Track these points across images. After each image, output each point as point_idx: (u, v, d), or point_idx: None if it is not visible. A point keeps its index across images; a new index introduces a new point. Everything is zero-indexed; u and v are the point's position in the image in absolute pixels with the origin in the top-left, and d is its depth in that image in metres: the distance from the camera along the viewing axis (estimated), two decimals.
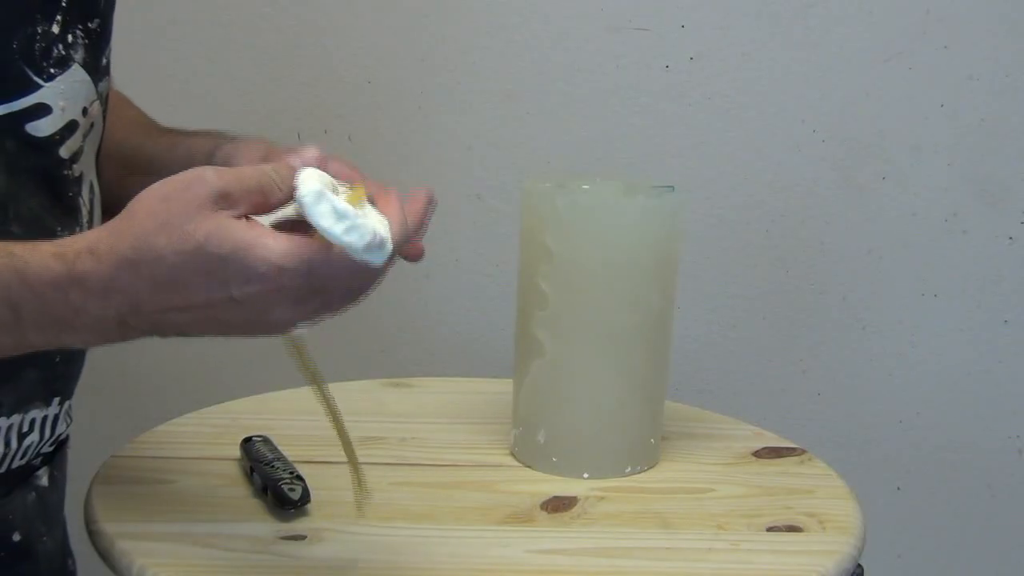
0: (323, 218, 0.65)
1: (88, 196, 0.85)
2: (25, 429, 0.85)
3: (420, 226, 0.71)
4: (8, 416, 0.83)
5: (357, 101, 1.43)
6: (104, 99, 0.87)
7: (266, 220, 0.67)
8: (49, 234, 0.79)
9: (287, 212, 0.68)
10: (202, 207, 0.64)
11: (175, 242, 0.64)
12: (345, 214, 0.65)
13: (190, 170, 0.66)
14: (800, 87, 1.41)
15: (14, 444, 0.85)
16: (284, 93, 1.44)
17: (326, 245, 0.65)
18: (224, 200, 0.65)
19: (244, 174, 0.66)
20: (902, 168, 1.43)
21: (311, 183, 0.66)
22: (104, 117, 0.87)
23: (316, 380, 0.75)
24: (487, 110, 1.43)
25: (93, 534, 0.87)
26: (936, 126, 1.41)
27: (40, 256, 0.66)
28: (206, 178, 0.65)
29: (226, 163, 0.83)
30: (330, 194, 0.66)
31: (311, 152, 0.74)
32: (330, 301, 0.67)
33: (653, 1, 1.39)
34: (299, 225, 0.66)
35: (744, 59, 1.41)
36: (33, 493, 0.89)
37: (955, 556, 1.54)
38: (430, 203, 0.72)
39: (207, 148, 0.88)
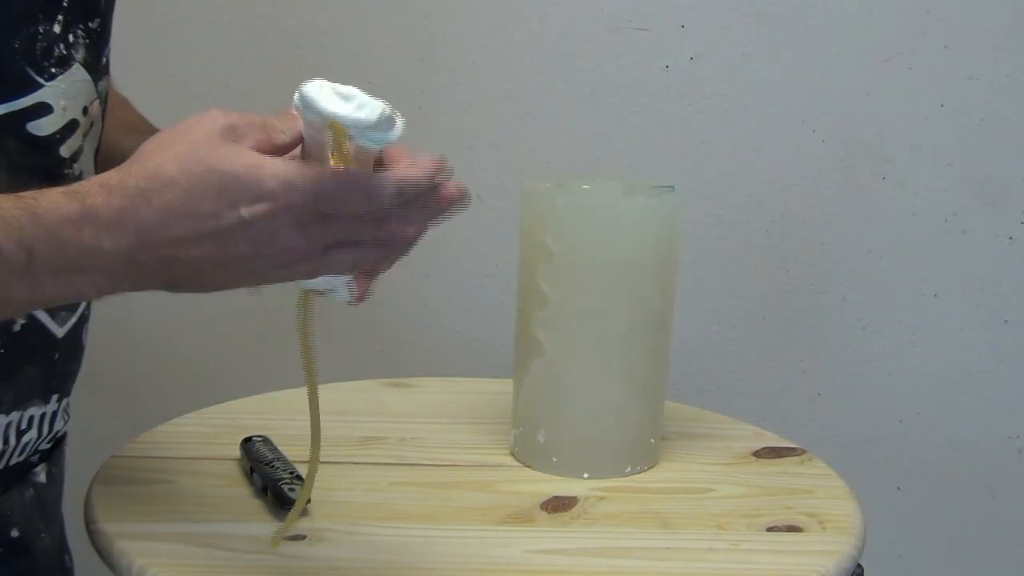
0: (330, 103, 0.66)
1: None
2: (24, 426, 0.85)
3: (437, 166, 0.70)
4: (7, 413, 0.84)
5: None
6: (104, 98, 0.87)
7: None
8: None
9: (295, 153, 0.69)
10: (211, 137, 0.66)
11: (186, 166, 0.65)
12: (350, 95, 0.66)
13: (196, 115, 0.68)
14: (800, 87, 1.41)
15: (12, 441, 0.85)
16: (284, 93, 1.43)
17: (335, 170, 0.66)
18: (231, 133, 0.67)
19: (249, 115, 0.68)
20: (902, 168, 1.43)
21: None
22: (103, 116, 0.88)
23: (308, 352, 0.74)
24: (487, 110, 1.43)
25: (93, 534, 0.87)
26: (936, 126, 1.41)
27: (51, 196, 0.66)
28: (213, 115, 0.67)
29: None
30: (329, 83, 0.67)
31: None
32: (342, 232, 0.67)
33: (653, 1, 1.39)
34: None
35: (744, 59, 1.41)
36: (31, 490, 0.89)
37: (955, 556, 1.54)
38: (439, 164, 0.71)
39: None
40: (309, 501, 0.89)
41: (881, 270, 1.46)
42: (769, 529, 0.91)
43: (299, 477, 0.91)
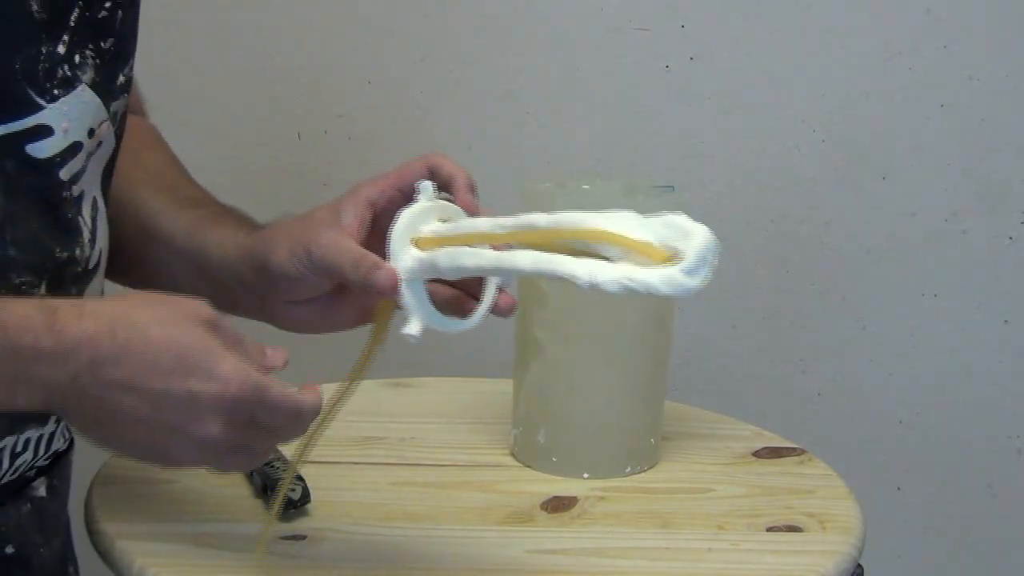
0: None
1: (91, 214, 0.83)
2: (19, 449, 0.83)
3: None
4: (1, 438, 0.81)
5: (357, 101, 1.43)
6: (118, 118, 0.85)
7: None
8: (47, 255, 0.79)
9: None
10: (191, 315, 0.70)
11: (160, 321, 0.69)
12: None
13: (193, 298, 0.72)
14: (800, 87, 1.41)
15: (5, 464, 0.83)
16: (284, 93, 1.44)
17: (279, 382, 0.70)
18: (211, 325, 0.70)
19: (228, 322, 0.72)
20: (902, 168, 1.43)
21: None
22: (118, 136, 0.85)
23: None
24: (487, 110, 1.43)
25: (93, 534, 0.87)
26: (936, 126, 1.41)
27: (22, 303, 0.69)
28: (201, 303, 0.72)
29: (268, 256, 0.83)
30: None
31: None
32: (255, 440, 0.72)
33: (653, 1, 1.39)
34: None
35: (744, 59, 1.40)
36: (28, 505, 0.87)
37: (955, 556, 1.54)
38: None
39: (238, 241, 0.87)
40: (309, 501, 0.89)
41: (881, 270, 1.46)
42: (769, 529, 0.91)
43: (299, 477, 0.91)
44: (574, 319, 0.97)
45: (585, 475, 0.98)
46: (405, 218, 0.77)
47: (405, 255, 0.77)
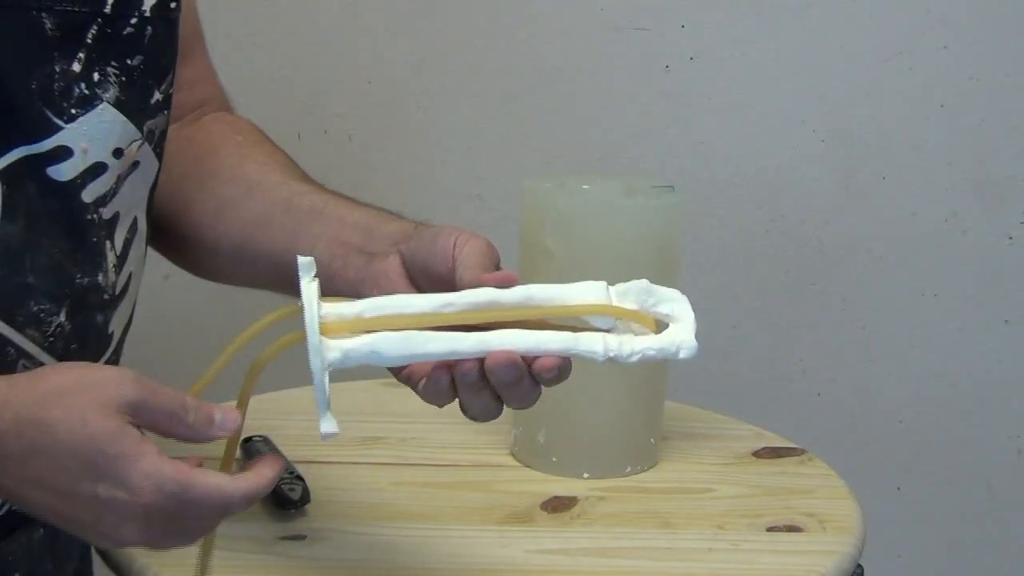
0: None
1: (124, 237, 0.81)
2: None
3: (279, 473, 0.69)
4: None
5: (357, 101, 1.43)
6: (157, 136, 0.82)
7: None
8: (67, 282, 0.77)
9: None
10: (108, 407, 0.64)
11: (70, 420, 0.64)
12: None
13: (112, 369, 0.67)
14: (800, 87, 1.41)
15: None
16: (284, 93, 1.44)
17: (203, 475, 0.66)
18: (133, 411, 0.65)
19: (161, 395, 0.66)
20: (902, 168, 1.43)
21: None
22: (159, 154, 0.82)
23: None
24: (487, 110, 1.43)
25: None
26: (936, 126, 1.41)
27: None
28: (127, 384, 0.65)
29: (428, 260, 0.76)
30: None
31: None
32: (179, 529, 0.68)
33: (653, 1, 1.39)
34: None
35: (744, 59, 1.41)
36: (41, 531, 0.85)
37: (955, 556, 1.54)
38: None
39: (391, 240, 0.80)
40: (309, 501, 0.89)
41: (881, 270, 1.46)
42: (769, 529, 0.91)
43: (299, 477, 0.91)
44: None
45: (585, 475, 0.98)
46: (312, 303, 0.67)
47: (329, 347, 0.66)
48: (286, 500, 0.88)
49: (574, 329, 0.68)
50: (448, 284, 0.73)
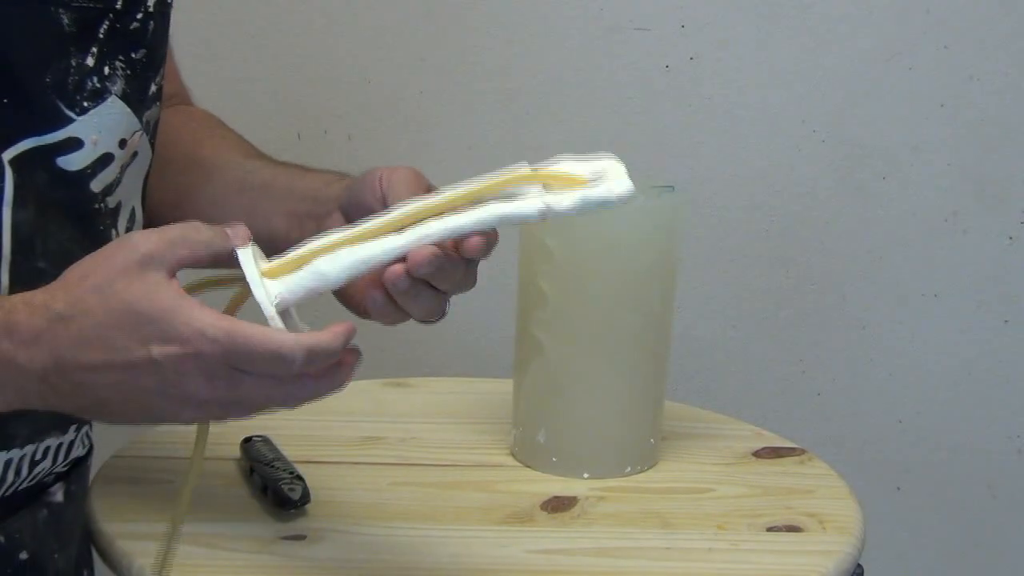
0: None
1: (126, 226, 0.83)
2: (38, 457, 0.84)
3: (349, 335, 0.69)
4: (21, 447, 0.82)
5: (357, 101, 1.43)
6: (151, 127, 0.84)
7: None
8: None
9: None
10: (128, 269, 0.66)
11: (105, 299, 0.66)
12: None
13: (118, 239, 0.69)
14: (800, 87, 1.41)
15: (24, 472, 0.83)
16: (284, 93, 1.44)
17: (249, 328, 0.65)
18: (150, 262, 0.66)
19: (168, 232, 0.67)
20: (902, 168, 1.43)
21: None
22: (152, 145, 0.85)
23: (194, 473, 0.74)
24: (487, 110, 1.43)
25: (93, 534, 0.87)
26: (936, 126, 1.41)
27: None
28: (133, 242, 0.67)
29: (361, 196, 0.80)
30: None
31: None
32: (247, 389, 0.67)
33: (653, 1, 1.39)
34: None
35: (744, 59, 1.41)
36: (45, 510, 0.87)
37: (955, 556, 1.54)
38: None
39: (332, 186, 0.85)
40: (309, 501, 0.89)
41: (881, 270, 1.46)
42: (769, 529, 0.91)
43: (299, 477, 0.91)
44: (574, 319, 0.97)
45: (585, 475, 0.98)
46: (248, 255, 0.69)
47: (272, 285, 0.69)
48: (286, 500, 0.88)
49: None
50: None
